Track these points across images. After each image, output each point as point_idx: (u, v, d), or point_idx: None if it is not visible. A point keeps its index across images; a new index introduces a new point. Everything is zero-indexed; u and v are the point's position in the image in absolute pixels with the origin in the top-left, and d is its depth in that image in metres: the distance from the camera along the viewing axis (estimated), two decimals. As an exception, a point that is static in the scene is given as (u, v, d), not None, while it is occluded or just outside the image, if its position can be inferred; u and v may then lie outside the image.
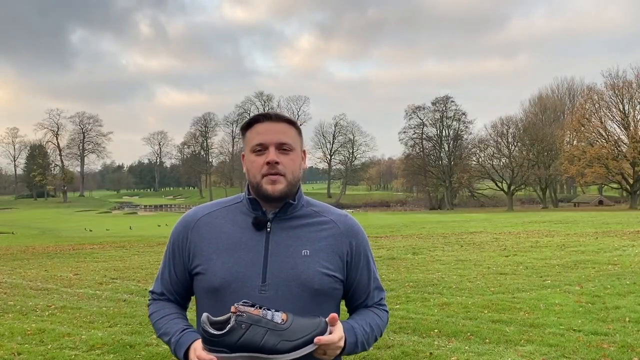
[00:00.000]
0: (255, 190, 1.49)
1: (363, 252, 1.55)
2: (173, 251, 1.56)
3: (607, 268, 9.89)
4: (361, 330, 1.46)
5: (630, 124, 52.82)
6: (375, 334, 1.52)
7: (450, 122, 74.86)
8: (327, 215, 1.54)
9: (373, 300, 1.59)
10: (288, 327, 1.26)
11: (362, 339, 1.45)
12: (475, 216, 38.23)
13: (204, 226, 1.52)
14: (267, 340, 1.24)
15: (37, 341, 5.77)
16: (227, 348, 1.25)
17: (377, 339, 1.55)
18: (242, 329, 1.24)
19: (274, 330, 1.25)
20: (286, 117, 1.50)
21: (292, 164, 1.48)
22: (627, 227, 19.83)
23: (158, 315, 1.54)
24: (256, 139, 1.47)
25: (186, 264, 1.52)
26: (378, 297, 1.60)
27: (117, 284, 9.72)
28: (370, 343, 1.51)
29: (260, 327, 1.25)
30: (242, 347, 1.24)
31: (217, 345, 1.26)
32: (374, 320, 1.53)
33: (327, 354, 1.33)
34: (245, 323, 1.24)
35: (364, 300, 1.58)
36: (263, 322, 1.25)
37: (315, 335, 1.27)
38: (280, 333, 1.25)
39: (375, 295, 1.59)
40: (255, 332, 1.24)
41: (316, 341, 1.27)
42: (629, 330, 5.61)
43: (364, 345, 1.47)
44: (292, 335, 1.26)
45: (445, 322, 6.12)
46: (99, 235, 28.10)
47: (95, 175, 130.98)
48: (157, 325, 1.53)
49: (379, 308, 1.59)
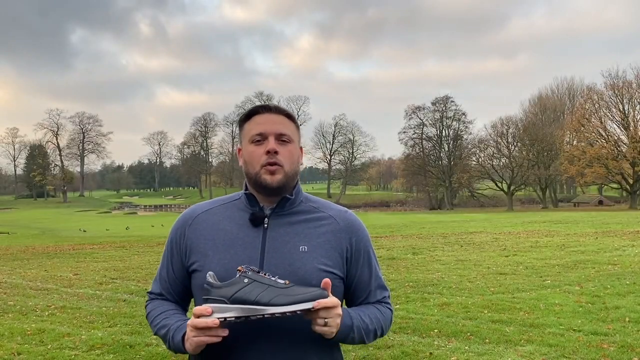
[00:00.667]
0: (253, 181, 1.46)
1: (364, 248, 1.52)
2: (171, 249, 1.54)
3: (607, 268, 9.90)
4: (357, 317, 1.42)
5: (630, 124, 52.84)
6: (374, 327, 1.47)
7: (450, 122, 74.94)
8: (326, 211, 1.52)
9: (375, 298, 1.54)
10: (288, 287, 1.28)
11: (358, 324, 1.41)
12: (475, 216, 38.23)
13: (202, 223, 1.50)
14: (263, 295, 1.26)
15: (37, 341, 5.77)
16: (225, 298, 1.28)
17: (377, 334, 1.49)
18: (244, 282, 1.27)
19: (274, 287, 1.27)
20: (286, 110, 1.49)
21: (291, 155, 1.46)
22: (627, 227, 19.83)
23: (156, 312, 1.50)
24: (255, 129, 1.45)
25: (183, 261, 1.50)
26: (381, 295, 1.55)
27: (117, 284, 9.73)
28: (369, 335, 1.45)
29: (262, 283, 1.27)
30: (239, 300, 1.26)
31: (215, 295, 1.28)
32: (373, 313, 1.49)
33: (328, 325, 1.30)
34: (249, 278, 1.27)
35: (366, 297, 1.53)
36: (265, 280, 1.28)
37: (314, 297, 1.27)
38: (279, 290, 1.27)
39: (377, 294, 1.55)
40: (254, 287, 1.27)
41: (316, 304, 1.26)
42: (629, 330, 5.61)
43: (360, 332, 1.41)
44: (291, 292, 1.27)
45: (445, 322, 6.12)
46: (99, 235, 28.08)
47: (95, 175, 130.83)
48: (155, 321, 1.48)
49: (381, 304, 1.55)
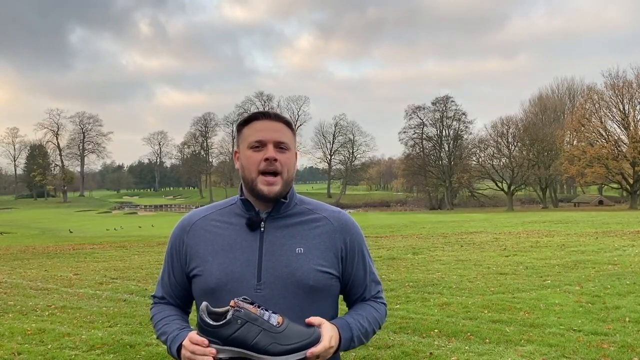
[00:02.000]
0: (249, 187, 1.49)
1: (358, 247, 1.57)
2: (171, 255, 1.59)
3: (607, 268, 9.89)
4: (357, 325, 1.48)
5: (630, 124, 52.82)
6: (373, 327, 1.53)
7: (450, 122, 74.95)
8: (320, 213, 1.56)
9: (370, 294, 1.60)
10: (282, 331, 1.28)
11: (357, 333, 1.47)
12: (475, 216, 38.23)
13: (200, 229, 1.54)
14: (259, 340, 1.26)
15: (37, 341, 5.77)
16: (220, 340, 1.28)
17: (375, 332, 1.56)
18: (238, 324, 1.26)
19: (268, 331, 1.27)
20: (284, 118, 1.52)
21: (289, 162, 1.50)
22: (627, 227, 19.83)
23: (158, 317, 1.57)
24: (254, 135, 1.48)
25: (184, 267, 1.55)
26: (375, 290, 1.61)
27: (117, 284, 9.73)
28: (368, 337, 1.52)
29: (256, 325, 1.27)
30: (234, 342, 1.27)
31: (211, 335, 1.29)
32: (370, 314, 1.54)
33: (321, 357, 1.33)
34: (242, 319, 1.27)
35: (361, 294, 1.59)
36: (259, 322, 1.27)
37: (307, 344, 1.29)
38: (274, 335, 1.27)
39: (372, 289, 1.61)
40: (249, 329, 1.26)
41: (309, 354, 1.28)
42: (629, 330, 5.61)
43: (360, 339, 1.48)
44: (284, 339, 1.27)
45: (445, 322, 6.12)
46: (99, 235, 28.10)
47: (95, 175, 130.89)
48: (157, 327, 1.55)
49: (376, 301, 1.61)
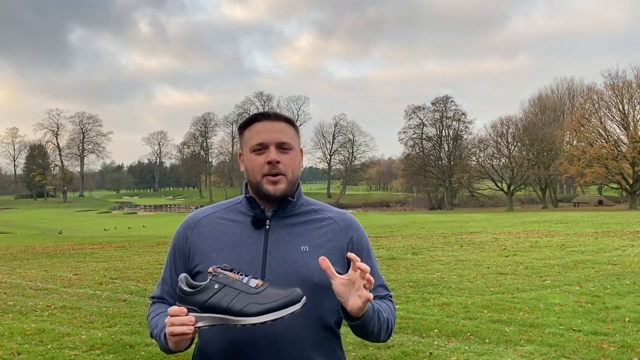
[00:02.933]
0: (255, 190, 1.49)
1: (365, 246, 1.56)
2: (174, 253, 1.57)
3: (607, 268, 9.89)
4: (376, 304, 1.42)
5: (630, 124, 52.83)
6: (388, 315, 1.46)
7: (450, 122, 74.94)
8: (326, 213, 1.56)
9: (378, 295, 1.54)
10: (261, 292, 1.26)
11: (377, 307, 1.41)
12: (475, 216, 38.23)
13: (204, 227, 1.53)
14: (235, 302, 1.24)
15: (37, 341, 5.76)
16: (197, 307, 1.26)
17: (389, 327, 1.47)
18: (215, 289, 1.25)
19: (246, 292, 1.25)
20: (285, 116, 1.51)
21: (292, 162, 1.49)
22: (626, 227, 19.83)
23: (153, 314, 1.54)
24: (256, 138, 1.47)
25: (187, 264, 1.53)
26: (384, 293, 1.57)
27: (117, 284, 9.72)
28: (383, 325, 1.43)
29: (233, 288, 1.25)
30: (211, 307, 1.25)
31: (189, 303, 1.27)
32: (384, 305, 1.50)
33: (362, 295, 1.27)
34: (219, 283, 1.25)
35: None
36: (236, 284, 1.25)
37: (287, 302, 1.23)
38: (251, 296, 1.25)
39: (380, 292, 1.55)
40: (226, 292, 1.24)
41: (358, 264, 1.25)
42: (629, 330, 5.61)
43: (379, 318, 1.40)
44: (263, 299, 1.24)
45: (445, 322, 6.12)
46: (99, 235, 28.09)
47: (95, 175, 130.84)
48: (151, 323, 1.51)
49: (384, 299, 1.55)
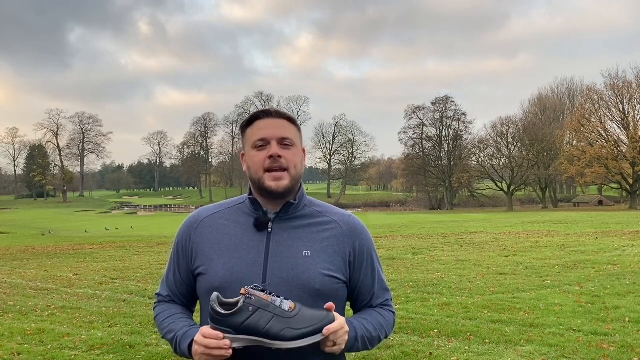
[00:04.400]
0: (257, 187, 1.47)
1: (367, 252, 1.54)
2: (177, 252, 1.56)
3: (607, 268, 9.89)
4: (361, 326, 1.44)
5: (630, 124, 52.82)
6: (378, 333, 1.49)
7: (450, 122, 74.86)
8: (329, 216, 1.53)
9: (378, 301, 1.56)
10: (294, 316, 1.26)
11: (362, 333, 1.43)
12: (475, 216, 38.25)
13: (207, 227, 1.52)
14: (272, 325, 1.24)
15: (37, 341, 5.76)
16: (232, 329, 1.26)
17: (381, 339, 1.51)
18: (249, 311, 1.25)
19: (280, 316, 1.25)
20: (286, 114, 1.50)
21: (295, 158, 1.47)
22: (626, 227, 19.83)
23: (164, 316, 1.53)
24: (257, 134, 1.46)
25: (189, 265, 1.52)
26: (383, 297, 1.57)
27: (117, 284, 9.72)
28: (373, 342, 1.48)
29: (267, 312, 1.25)
30: (247, 330, 1.25)
31: (223, 324, 1.27)
32: (376, 320, 1.50)
33: (337, 344, 1.31)
34: (253, 306, 1.25)
35: (369, 301, 1.55)
36: (270, 308, 1.26)
37: (320, 327, 1.27)
38: (287, 320, 1.25)
39: (380, 296, 1.56)
40: (261, 316, 1.25)
41: (325, 331, 1.27)
42: (629, 330, 5.61)
43: (365, 341, 1.44)
44: (297, 324, 1.25)
45: (445, 322, 6.12)
46: (99, 235, 28.09)
47: (95, 175, 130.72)
48: (163, 325, 1.50)
49: (383, 308, 1.56)
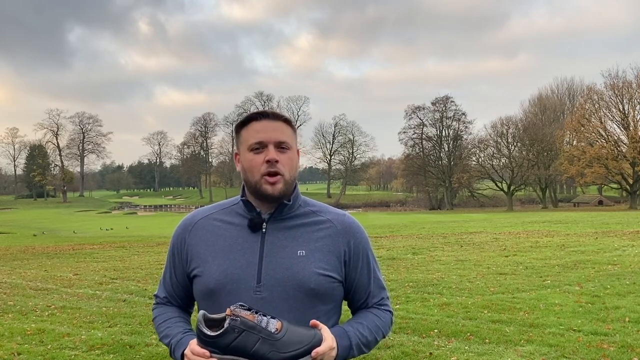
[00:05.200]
0: (253, 190, 1.47)
1: (363, 251, 1.53)
2: (173, 254, 1.57)
3: (607, 268, 9.89)
4: (355, 333, 1.44)
5: (630, 124, 52.83)
6: (375, 336, 1.49)
7: (450, 122, 74.88)
8: (324, 215, 1.53)
9: (374, 300, 1.55)
10: (281, 338, 1.26)
11: (357, 341, 1.43)
12: (475, 216, 38.25)
13: (201, 229, 1.52)
14: (258, 348, 1.24)
15: (37, 341, 5.76)
16: (219, 349, 1.26)
17: (378, 341, 1.51)
18: (235, 333, 1.24)
19: (266, 339, 1.25)
20: (283, 115, 1.50)
21: (290, 162, 1.47)
22: (627, 227, 19.83)
23: (161, 319, 1.55)
24: (254, 137, 1.45)
25: (185, 267, 1.53)
26: (379, 296, 1.56)
27: (117, 284, 9.72)
28: (370, 345, 1.48)
29: (253, 334, 1.24)
30: (233, 351, 1.25)
31: (210, 345, 1.27)
32: (372, 322, 1.50)
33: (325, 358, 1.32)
34: (239, 328, 1.24)
35: (365, 300, 1.55)
36: (256, 329, 1.25)
37: (307, 350, 1.27)
38: (273, 343, 1.25)
39: (376, 295, 1.56)
40: (247, 338, 1.24)
41: (314, 354, 1.27)
42: (629, 330, 5.61)
43: (360, 348, 1.44)
44: (284, 347, 1.25)
45: (445, 322, 6.12)
46: (99, 235, 28.10)
47: (95, 175, 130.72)
48: (160, 329, 1.54)
49: (379, 308, 1.55)
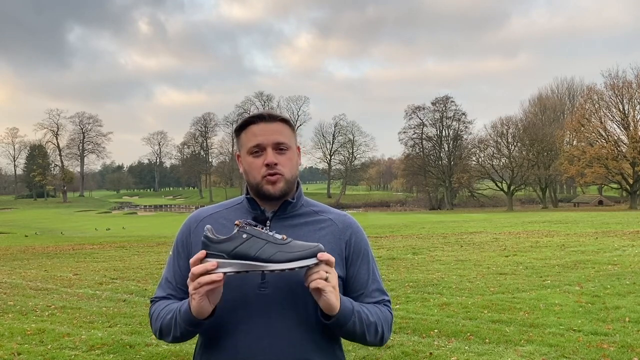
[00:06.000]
0: (255, 191, 1.50)
1: (363, 248, 1.55)
2: (177, 252, 1.57)
3: (607, 268, 9.90)
4: (357, 304, 1.43)
5: (630, 124, 52.81)
6: (375, 320, 1.46)
7: (450, 122, 74.88)
8: (326, 215, 1.56)
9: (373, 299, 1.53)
10: (287, 243, 1.30)
11: (358, 309, 1.41)
12: (475, 216, 38.25)
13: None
14: (264, 250, 1.27)
15: (37, 341, 5.77)
16: (224, 254, 1.28)
17: (378, 330, 1.47)
18: (243, 238, 1.28)
19: (273, 243, 1.29)
20: (280, 115, 1.51)
21: (290, 162, 1.50)
22: (627, 227, 19.83)
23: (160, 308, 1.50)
24: (252, 140, 1.47)
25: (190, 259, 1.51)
26: (380, 297, 1.55)
27: (117, 284, 9.73)
28: (370, 327, 1.44)
29: (260, 239, 1.29)
30: (239, 255, 1.28)
31: (214, 250, 1.29)
32: (373, 308, 1.49)
33: (329, 279, 1.29)
34: (247, 234, 1.29)
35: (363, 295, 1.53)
36: (263, 235, 1.29)
37: (312, 252, 1.28)
38: (279, 246, 1.29)
39: (376, 296, 1.54)
40: (253, 242, 1.28)
41: (319, 255, 1.28)
42: (629, 330, 5.61)
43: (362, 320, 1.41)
44: (290, 249, 1.29)
45: (445, 322, 6.12)
46: (99, 235, 28.10)
47: (95, 175, 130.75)
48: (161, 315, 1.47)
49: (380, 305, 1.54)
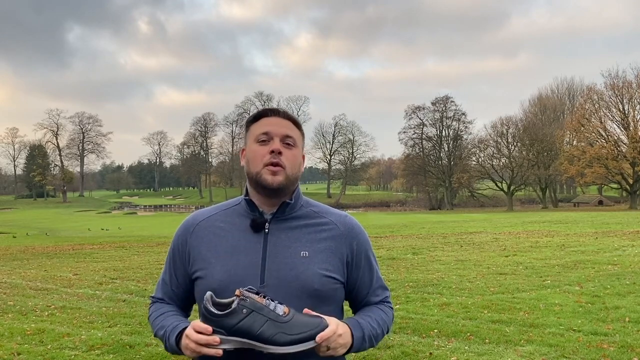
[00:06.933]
0: (253, 181, 1.47)
1: (364, 253, 1.54)
2: (174, 256, 1.56)
3: (607, 268, 9.89)
4: (367, 325, 1.44)
5: (630, 124, 52.82)
6: (382, 329, 1.49)
7: (450, 122, 74.90)
8: (326, 216, 1.53)
9: (377, 299, 1.57)
10: (288, 321, 1.26)
11: (369, 333, 1.43)
12: (475, 216, 38.25)
13: (203, 230, 1.51)
14: (265, 329, 1.24)
15: (37, 341, 5.76)
16: (225, 330, 1.26)
17: (383, 335, 1.52)
18: (243, 313, 1.24)
19: (274, 321, 1.25)
20: (293, 116, 1.50)
21: (294, 159, 1.48)
22: (627, 227, 19.83)
23: (156, 314, 1.52)
24: (262, 128, 1.46)
25: (187, 269, 1.51)
26: (382, 295, 1.58)
27: (117, 284, 9.72)
28: (378, 338, 1.48)
29: (261, 315, 1.25)
30: (239, 332, 1.25)
31: (215, 325, 1.27)
32: (379, 316, 1.51)
33: (331, 348, 1.31)
34: (247, 308, 1.24)
35: (367, 298, 1.56)
36: (264, 311, 1.25)
37: (314, 333, 1.26)
38: (280, 325, 1.25)
39: (379, 295, 1.57)
40: (255, 319, 1.24)
41: (318, 339, 1.26)
42: (629, 330, 5.61)
43: (371, 340, 1.44)
44: (291, 329, 1.25)
45: (445, 322, 6.12)
46: (99, 235, 28.11)
47: (95, 175, 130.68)
48: (155, 323, 1.50)
49: (383, 304, 1.57)
